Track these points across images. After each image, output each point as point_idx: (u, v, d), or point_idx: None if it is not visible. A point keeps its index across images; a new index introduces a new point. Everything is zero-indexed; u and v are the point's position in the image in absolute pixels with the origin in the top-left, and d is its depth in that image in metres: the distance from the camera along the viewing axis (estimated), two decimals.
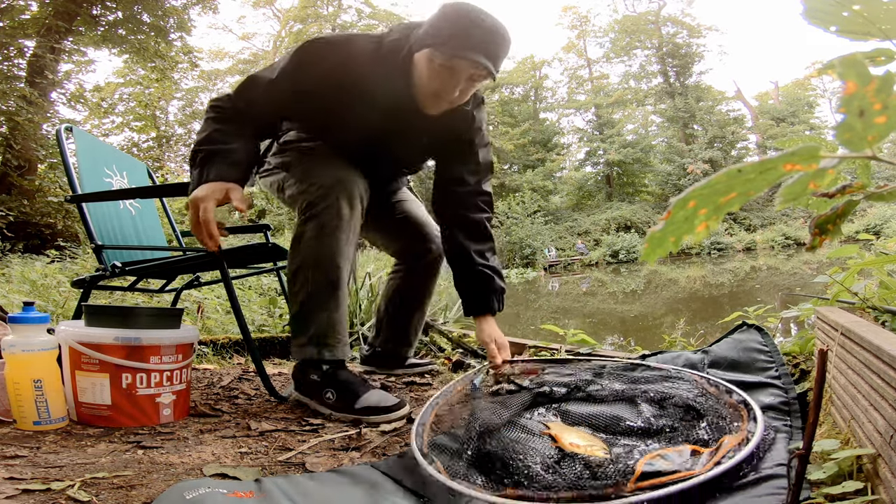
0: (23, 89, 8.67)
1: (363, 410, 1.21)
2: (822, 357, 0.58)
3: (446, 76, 1.19)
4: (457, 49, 1.14)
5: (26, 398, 1.09)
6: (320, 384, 1.27)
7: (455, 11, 1.15)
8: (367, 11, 24.55)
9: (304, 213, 1.27)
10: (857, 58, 0.32)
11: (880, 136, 0.34)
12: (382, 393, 1.26)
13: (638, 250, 16.15)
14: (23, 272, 4.01)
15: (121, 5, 10.00)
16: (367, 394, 1.24)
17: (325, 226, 1.25)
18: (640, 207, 23.30)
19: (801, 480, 0.59)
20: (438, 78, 1.19)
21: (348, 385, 1.25)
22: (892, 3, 0.42)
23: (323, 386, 1.27)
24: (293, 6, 25.21)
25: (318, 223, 1.25)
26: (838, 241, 0.52)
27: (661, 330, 4.41)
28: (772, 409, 1.00)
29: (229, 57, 26.01)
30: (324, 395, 1.26)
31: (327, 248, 1.25)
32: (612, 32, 27.40)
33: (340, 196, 1.25)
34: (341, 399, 1.24)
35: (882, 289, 1.17)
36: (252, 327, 2.53)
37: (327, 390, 1.26)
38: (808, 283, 6.38)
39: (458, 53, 1.14)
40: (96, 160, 1.63)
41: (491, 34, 1.14)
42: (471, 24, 1.13)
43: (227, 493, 0.70)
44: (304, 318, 1.28)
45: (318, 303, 1.27)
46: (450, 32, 1.14)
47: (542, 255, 19.45)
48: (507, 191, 23.68)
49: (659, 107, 26.63)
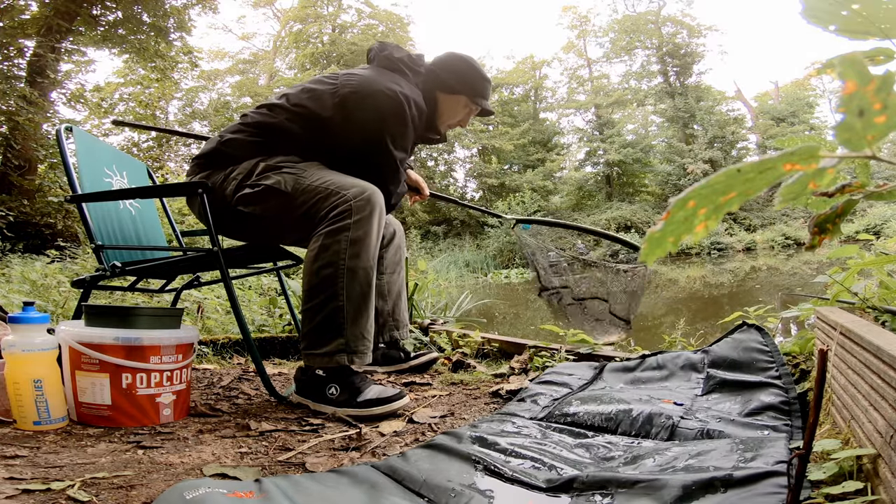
0: (23, 89, 8.66)
1: (365, 403, 1.26)
2: (823, 357, 0.58)
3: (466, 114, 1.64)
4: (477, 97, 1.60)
5: (26, 398, 1.09)
6: (325, 380, 1.29)
7: (468, 64, 1.60)
8: (367, 11, 24.53)
9: (335, 221, 1.29)
10: (856, 57, 0.32)
11: (880, 136, 0.34)
12: (382, 386, 1.31)
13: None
14: (23, 272, 4.01)
15: (121, 5, 9.99)
16: (369, 388, 1.29)
17: (363, 237, 1.29)
18: (640, 207, 23.27)
19: (802, 480, 0.59)
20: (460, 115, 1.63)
21: (350, 381, 1.29)
22: (891, 2, 0.42)
23: (327, 381, 1.29)
24: (293, 6, 25.19)
25: (355, 233, 1.28)
26: (838, 240, 0.52)
27: (661, 330, 4.41)
28: (772, 408, 1.00)
29: (229, 57, 25.96)
30: (327, 391, 1.28)
31: (363, 260, 1.29)
32: (612, 32, 27.37)
33: (375, 208, 1.31)
34: (345, 394, 1.28)
35: (882, 289, 1.17)
36: (252, 327, 2.53)
37: (331, 386, 1.29)
38: (808, 283, 6.38)
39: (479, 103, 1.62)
40: (96, 160, 1.63)
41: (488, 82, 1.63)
42: (482, 77, 1.61)
43: (227, 493, 0.70)
44: (337, 327, 1.28)
45: (352, 313, 1.29)
46: (471, 81, 1.59)
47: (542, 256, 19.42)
48: (507, 191, 23.64)
49: (659, 107, 26.60)
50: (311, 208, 1.32)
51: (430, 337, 2.25)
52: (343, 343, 1.28)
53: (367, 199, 1.30)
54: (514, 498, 0.77)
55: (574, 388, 1.32)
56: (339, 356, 1.28)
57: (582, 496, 0.75)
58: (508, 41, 69.29)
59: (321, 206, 1.31)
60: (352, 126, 1.41)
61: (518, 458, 0.89)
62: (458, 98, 1.59)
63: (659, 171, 25.12)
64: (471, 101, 1.59)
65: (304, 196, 1.33)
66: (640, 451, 0.90)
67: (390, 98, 1.40)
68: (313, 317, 1.30)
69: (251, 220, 1.39)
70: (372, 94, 1.40)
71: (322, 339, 1.29)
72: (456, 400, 1.43)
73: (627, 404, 1.09)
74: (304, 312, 1.32)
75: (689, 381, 1.26)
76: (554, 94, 29.81)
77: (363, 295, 1.30)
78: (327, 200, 1.30)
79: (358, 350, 1.30)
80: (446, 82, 1.57)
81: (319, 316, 1.29)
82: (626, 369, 1.41)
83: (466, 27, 71.08)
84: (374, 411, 1.25)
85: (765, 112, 27.47)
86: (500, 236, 20.32)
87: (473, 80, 1.58)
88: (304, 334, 1.32)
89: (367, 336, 1.32)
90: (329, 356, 1.28)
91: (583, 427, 1.07)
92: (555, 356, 1.69)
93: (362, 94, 1.40)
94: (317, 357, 1.29)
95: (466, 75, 1.57)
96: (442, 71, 1.57)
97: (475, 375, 1.71)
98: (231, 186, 1.40)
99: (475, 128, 25.18)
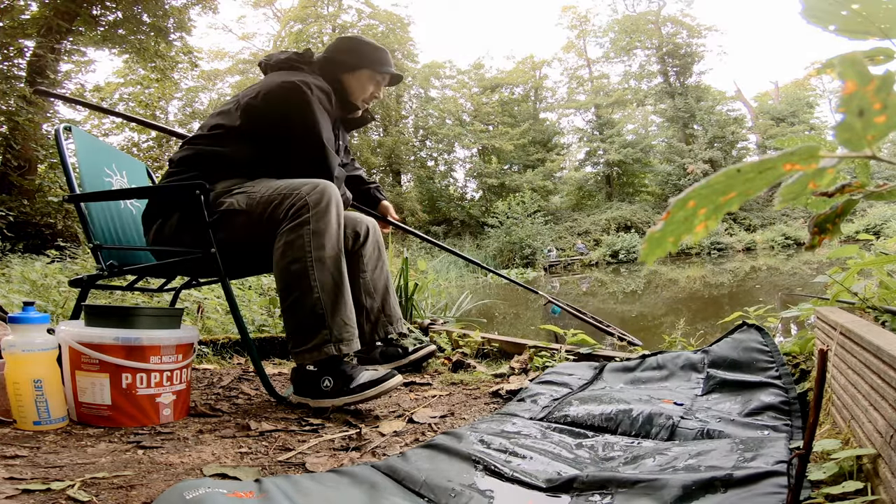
0: (23, 89, 8.66)
1: (359, 388, 1.29)
2: (823, 357, 0.58)
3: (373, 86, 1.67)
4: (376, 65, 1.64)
5: (26, 398, 1.09)
6: (318, 374, 1.32)
7: (358, 41, 1.66)
8: (367, 11, 24.53)
9: (294, 218, 1.32)
10: (856, 57, 0.32)
11: (880, 136, 0.34)
12: (373, 371, 1.34)
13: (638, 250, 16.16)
14: (23, 272, 4.01)
15: (121, 5, 9.99)
16: (360, 374, 1.32)
17: (325, 228, 1.33)
18: (640, 207, 23.28)
19: (802, 480, 0.59)
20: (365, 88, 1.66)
21: (341, 370, 1.32)
22: (891, 1, 0.42)
23: (320, 375, 1.32)
24: (293, 6, 25.19)
25: (316, 226, 1.32)
26: (838, 240, 0.52)
27: (662, 330, 4.41)
28: (772, 408, 1.00)
29: (229, 57, 25.97)
30: (321, 384, 1.32)
31: (329, 249, 1.33)
32: (611, 32, 27.36)
33: (331, 199, 1.35)
34: (338, 384, 1.31)
35: (882, 289, 1.17)
36: (252, 327, 2.53)
37: (325, 378, 1.32)
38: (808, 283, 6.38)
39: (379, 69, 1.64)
40: (96, 160, 1.63)
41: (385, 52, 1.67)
42: (374, 48, 1.65)
43: (227, 493, 0.70)
44: (318, 319, 1.31)
45: (329, 303, 1.32)
46: (369, 55, 1.63)
47: (542, 256, 19.43)
48: (507, 191, 23.64)
49: (659, 107, 26.59)
50: (271, 215, 1.36)
51: (430, 337, 2.25)
52: (327, 333, 1.31)
53: (322, 191, 1.34)
54: (514, 498, 0.77)
55: (574, 388, 1.32)
56: (327, 347, 1.31)
57: (582, 496, 0.75)
58: (508, 41, 69.42)
59: (279, 209, 1.35)
60: (265, 128, 1.46)
61: (518, 458, 0.89)
62: (361, 73, 1.63)
63: (659, 171, 25.12)
64: (374, 72, 1.64)
65: (260, 207, 1.37)
66: (640, 451, 0.90)
67: (287, 88, 1.44)
68: (293, 314, 1.33)
69: (229, 246, 1.42)
70: (269, 91, 1.45)
71: (307, 334, 1.32)
72: (456, 400, 1.43)
73: (627, 404, 1.09)
74: (284, 312, 1.35)
75: (689, 381, 1.26)
76: (554, 94, 29.83)
77: (336, 283, 1.34)
78: (283, 203, 1.34)
79: (343, 337, 1.33)
80: (345, 63, 1.62)
81: (299, 312, 1.32)
82: (626, 369, 1.41)
83: (466, 27, 71.13)
84: (368, 394, 1.28)
85: (765, 112, 27.47)
86: (500, 236, 20.33)
87: (368, 52, 1.64)
88: (288, 334, 1.35)
89: (349, 322, 1.35)
90: (317, 349, 1.31)
91: (583, 427, 1.07)
92: (555, 356, 1.69)
93: (261, 95, 1.46)
94: (305, 353, 1.32)
95: (360, 51, 1.63)
96: (336, 54, 1.63)
97: (475, 375, 1.71)
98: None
99: (475, 128, 25.19)
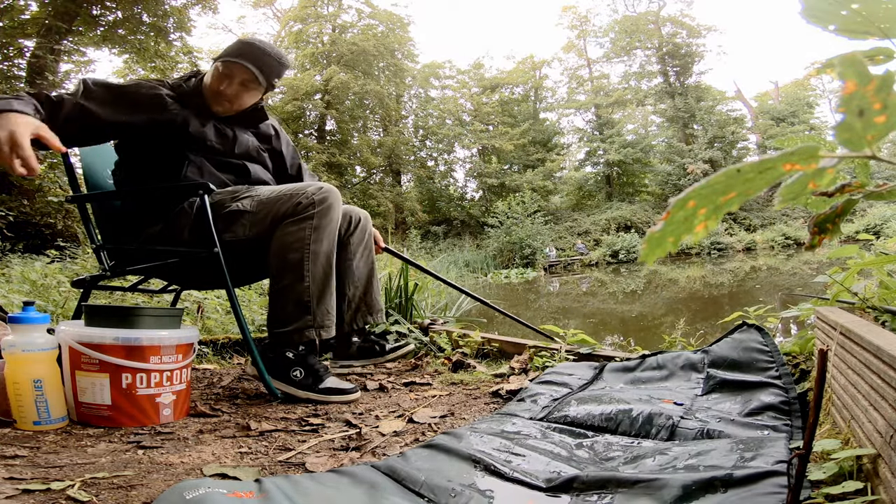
0: (23, 89, 8.66)
1: (326, 391, 1.42)
2: (823, 357, 0.58)
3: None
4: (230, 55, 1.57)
5: (26, 398, 1.09)
6: (292, 362, 1.43)
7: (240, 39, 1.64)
8: (367, 11, 24.52)
9: (299, 213, 1.43)
10: (856, 57, 0.32)
11: (880, 136, 0.34)
12: (338, 378, 1.48)
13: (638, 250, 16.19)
14: (23, 272, 4.01)
15: (121, 5, 9.99)
16: (328, 377, 1.45)
17: (326, 226, 1.45)
18: (640, 207, 23.28)
19: (802, 480, 0.59)
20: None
21: (315, 368, 1.44)
22: (891, 1, 0.42)
23: (294, 364, 1.43)
24: (293, 6, 25.18)
25: (318, 222, 1.43)
26: (838, 240, 0.52)
27: (662, 330, 4.41)
28: (772, 408, 1.00)
29: None
30: (292, 373, 1.43)
31: (325, 245, 1.45)
32: (611, 32, 27.35)
33: (335, 201, 1.47)
34: (309, 378, 1.43)
35: (882, 289, 1.17)
36: (252, 327, 2.53)
37: (296, 368, 1.43)
38: (808, 283, 6.38)
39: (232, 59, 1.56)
40: (100, 159, 1.64)
41: (262, 52, 1.57)
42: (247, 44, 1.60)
43: (227, 493, 0.70)
44: (304, 305, 1.43)
45: (317, 292, 1.44)
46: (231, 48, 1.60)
47: (542, 255, 19.43)
48: (507, 191, 23.63)
49: (659, 107, 26.59)
50: (275, 211, 1.44)
51: (431, 337, 2.25)
52: (311, 319, 1.43)
53: (327, 192, 1.45)
54: (514, 498, 0.77)
55: (574, 388, 1.32)
56: (308, 331, 1.43)
57: (582, 496, 0.75)
58: (508, 41, 69.40)
59: (285, 206, 1.43)
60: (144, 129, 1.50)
61: (518, 458, 0.89)
62: (212, 68, 1.63)
63: (659, 171, 25.12)
64: (219, 62, 1.60)
65: (267, 207, 1.45)
66: (640, 451, 0.90)
67: (139, 84, 1.52)
68: (282, 297, 1.43)
69: (232, 245, 1.46)
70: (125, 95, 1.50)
71: (291, 317, 1.43)
72: (456, 400, 1.43)
73: (627, 404, 1.09)
74: (273, 294, 1.45)
75: (689, 381, 1.26)
76: (554, 94, 29.83)
77: (325, 276, 1.46)
78: (290, 200, 1.43)
79: (324, 325, 1.46)
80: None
81: (289, 297, 1.43)
82: (626, 369, 1.41)
83: (466, 27, 71.10)
84: (332, 399, 1.41)
85: (765, 112, 27.47)
86: (500, 236, 20.32)
87: (229, 49, 1.63)
88: (273, 314, 1.45)
89: (331, 311, 1.48)
90: (299, 332, 1.42)
91: (583, 427, 1.07)
92: (555, 356, 1.69)
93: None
94: (286, 333, 1.42)
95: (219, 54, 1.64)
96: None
97: (475, 375, 1.71)
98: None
99: (475, 128, 25.18)
